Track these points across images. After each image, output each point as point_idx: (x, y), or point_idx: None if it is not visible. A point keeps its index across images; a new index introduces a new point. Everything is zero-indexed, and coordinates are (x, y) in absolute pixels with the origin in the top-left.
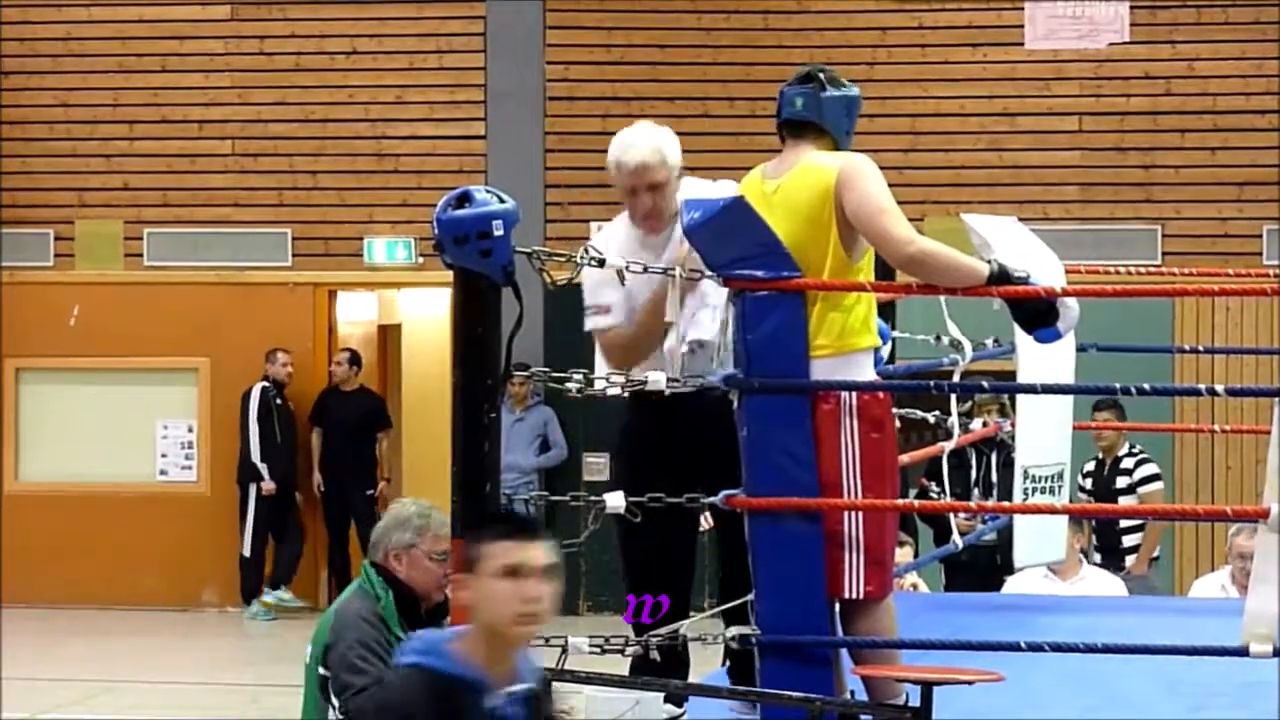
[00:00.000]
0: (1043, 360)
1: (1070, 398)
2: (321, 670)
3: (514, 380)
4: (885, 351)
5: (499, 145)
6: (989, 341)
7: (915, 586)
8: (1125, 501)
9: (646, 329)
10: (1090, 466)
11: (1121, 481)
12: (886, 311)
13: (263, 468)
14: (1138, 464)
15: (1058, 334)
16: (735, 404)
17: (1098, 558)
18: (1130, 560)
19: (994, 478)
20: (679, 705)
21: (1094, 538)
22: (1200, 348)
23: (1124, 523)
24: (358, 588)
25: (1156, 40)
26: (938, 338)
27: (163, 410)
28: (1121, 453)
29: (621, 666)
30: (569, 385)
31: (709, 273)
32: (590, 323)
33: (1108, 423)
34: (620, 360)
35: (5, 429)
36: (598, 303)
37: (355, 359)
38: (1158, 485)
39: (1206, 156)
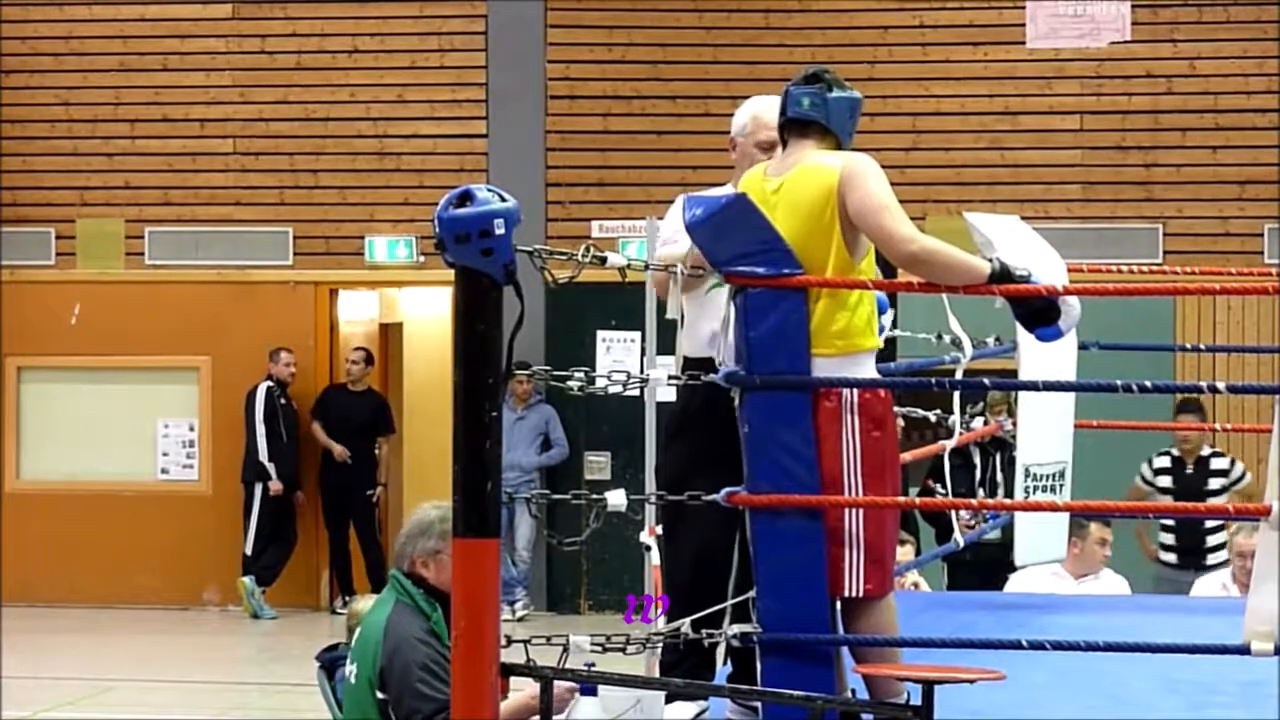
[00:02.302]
0: (1044, 358)
1: (1071, 396)
2: (379, 694)
3: (515, 379)
4: (886, 320)
5: (500, 144)
6: (990, 340)
7: (916, 585)
8: (1220, 502)
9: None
10: (1164, 462)
11: (1215, 483)
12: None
13: (270, 467)
14: (1232, 463)
15: (1059, 332)
16: (736, 401)
17: (1172, 557)
18: (1213, 559)
19: (999, 477)
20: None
21: (1174, 537)
22: (1201, 346)
23: (1210, 522)
24: (395, 601)
25: (1158, 39)
26: (939, 336)
27: (164, 409)
28: (1205, 453)
29: (622, 665)
30: (570, 384)
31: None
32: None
33: (1107, 421)
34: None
35: (6, 427)
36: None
37: (370, 359)
38: (1250, 478)
39: (1208, 155)
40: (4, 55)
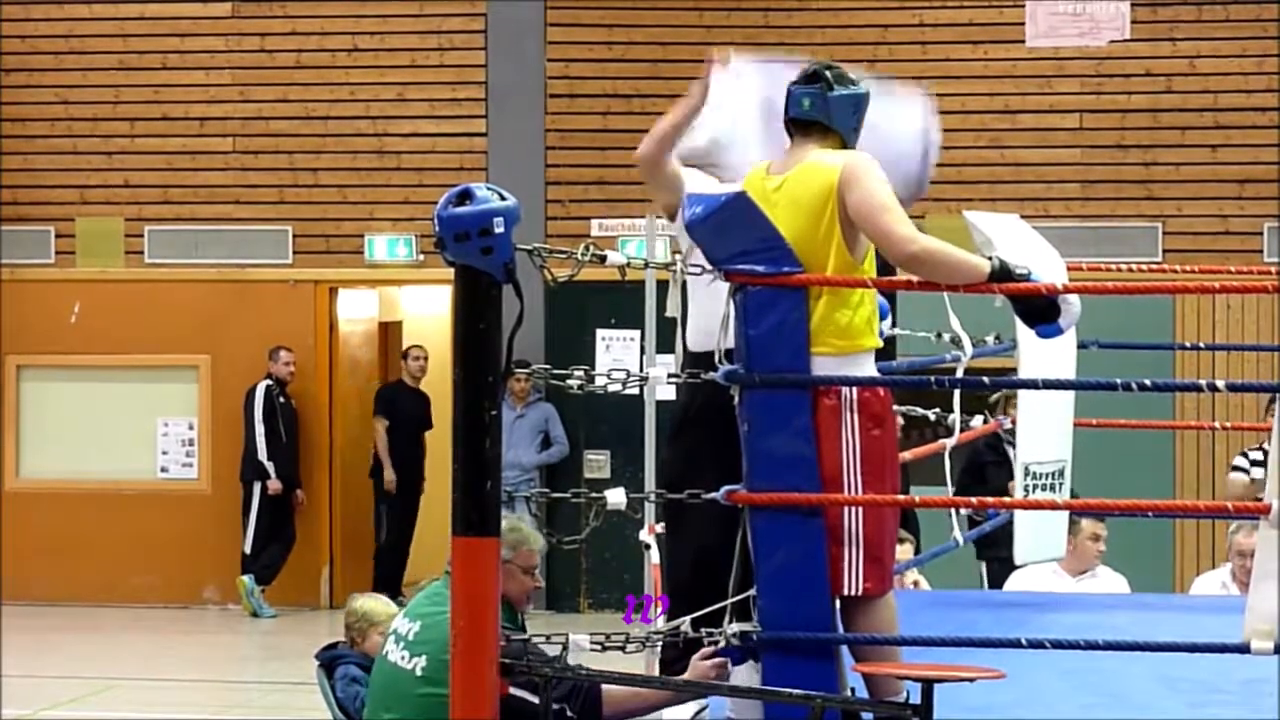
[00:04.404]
0: (1044, 357)
1: (1071, 395)
2: None
3: (515, 377)
4: (886, 326)
5: (500, 142)
6: (990, 338)
7: (916, 584)
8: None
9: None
10: (1259, 456)
11: None
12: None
13: (269, 466)
14: None
15: (1059, 330)
16: (736, 399)
17: None
18: None
19: None
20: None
21: None
22: (1201, 344)
23: None
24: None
25: (1157, 38)
26: (939, 335)
27: (163, 408)
28: None
29: (623, 664)
30: (570, 382)
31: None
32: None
33: (1107, 420)
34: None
35: (6, 426)
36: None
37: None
38: None
39: (1207, 154)
40: (4, 54)
